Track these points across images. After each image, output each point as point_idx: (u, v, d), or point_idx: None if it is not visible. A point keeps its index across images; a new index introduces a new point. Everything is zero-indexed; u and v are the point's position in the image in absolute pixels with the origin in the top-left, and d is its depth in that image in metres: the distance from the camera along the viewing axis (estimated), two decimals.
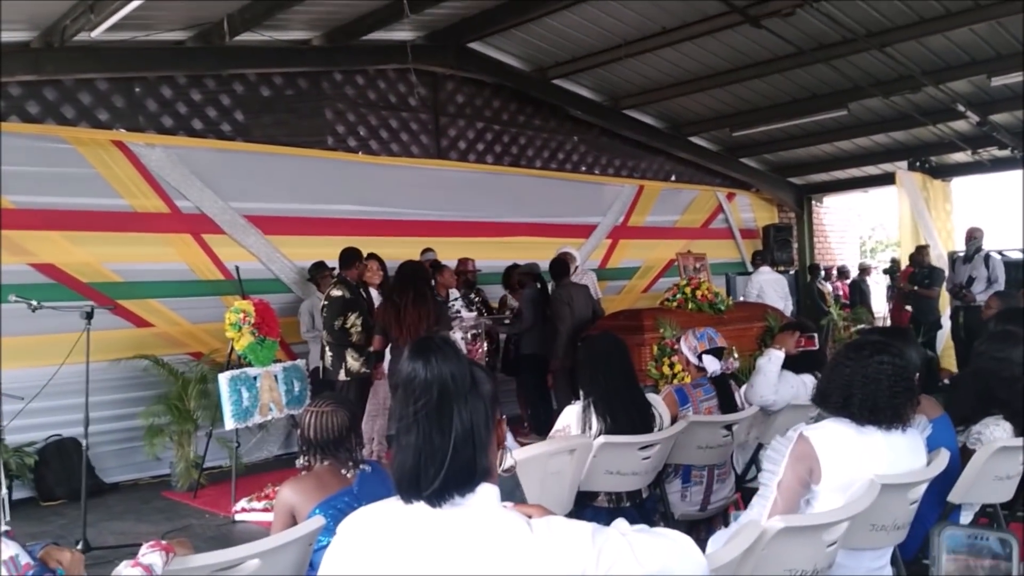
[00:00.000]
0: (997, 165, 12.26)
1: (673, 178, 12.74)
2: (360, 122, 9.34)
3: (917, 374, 3.00)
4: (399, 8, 7.62)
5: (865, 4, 8.05)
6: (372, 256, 7.07)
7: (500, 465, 1.67)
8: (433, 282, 7.18)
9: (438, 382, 1.55)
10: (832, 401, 2.68)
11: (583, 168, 11.63)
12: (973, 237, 9.85)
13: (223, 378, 6.06)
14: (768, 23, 8.32)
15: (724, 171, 13.27)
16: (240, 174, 8.22)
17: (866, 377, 2.60)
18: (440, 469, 1.53)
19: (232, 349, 6.31)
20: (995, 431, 3.26)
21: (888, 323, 11.88)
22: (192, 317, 7.74)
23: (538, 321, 8.13)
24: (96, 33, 6.44)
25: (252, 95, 8.49)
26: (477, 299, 8.80)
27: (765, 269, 9.84)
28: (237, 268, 7.38)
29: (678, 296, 8.03)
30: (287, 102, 8.74)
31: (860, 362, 2.64)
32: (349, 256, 6.49)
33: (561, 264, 8.53)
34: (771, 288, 9.80)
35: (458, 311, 7.05)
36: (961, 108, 10.12)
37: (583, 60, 9.91)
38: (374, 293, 6.93)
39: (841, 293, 13.45)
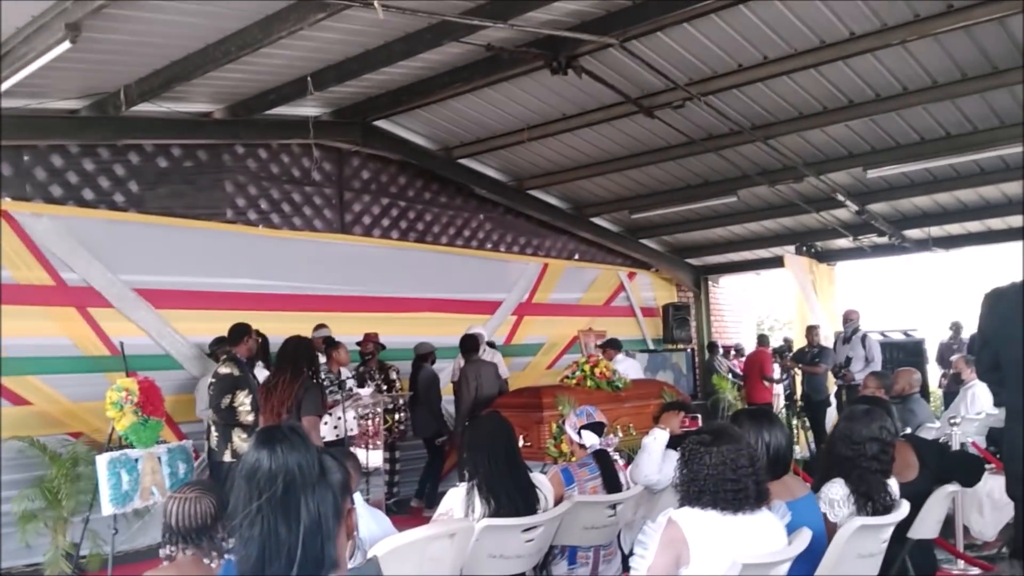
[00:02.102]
0: (877, 251, 13.08)
1: (576, 257, 13.06)
2: (262, 195, 9.27)
3: (777, 454, 3.13)
4: (304, 85, 7.72)
5: (748, 100, 8.58)
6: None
7: (350, 557, 1.65)
8: (325, 359, 7.09)
9: (284, 472, 1.53)
10: (687, 492, 2.76)
11: (488, 245, 11.80)
12: (850, 319, 10.42)
13: (101, 460, 5.74)
14: (661, 114, 8.76)
15: (625, 251, 13.69)
16: (132, 246, 8.00)
17: (711, 467, 2.70)
18: (287, 563, 1.50)
19: (113, 429, 6.01)
20: (831, 489, 3.43)
21: (781, 400, 12.31)
22: (74, 395, 7.38)
23: (429, 400, 8.20)
24: None
25: (148, 166, 8.33)
26: (380, 376, 8.72)
27: (620, 357, 9.80)
28: (122, 344, 7.10)
29: (577, 374, 8.13)
30: (185, 174, 8.61)
31: (704, 453, 2.74)
32: (239, 331, 6.35)
33: (472, 340, 8.62)
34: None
35: (351, 389, 6.95)
36: (841, 197, 10.81)
37: (487, 141, 10.18)
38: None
39: (739, 371, 13.88)
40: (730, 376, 13.90)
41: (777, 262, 13.43)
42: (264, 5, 5.88)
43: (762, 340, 13.19)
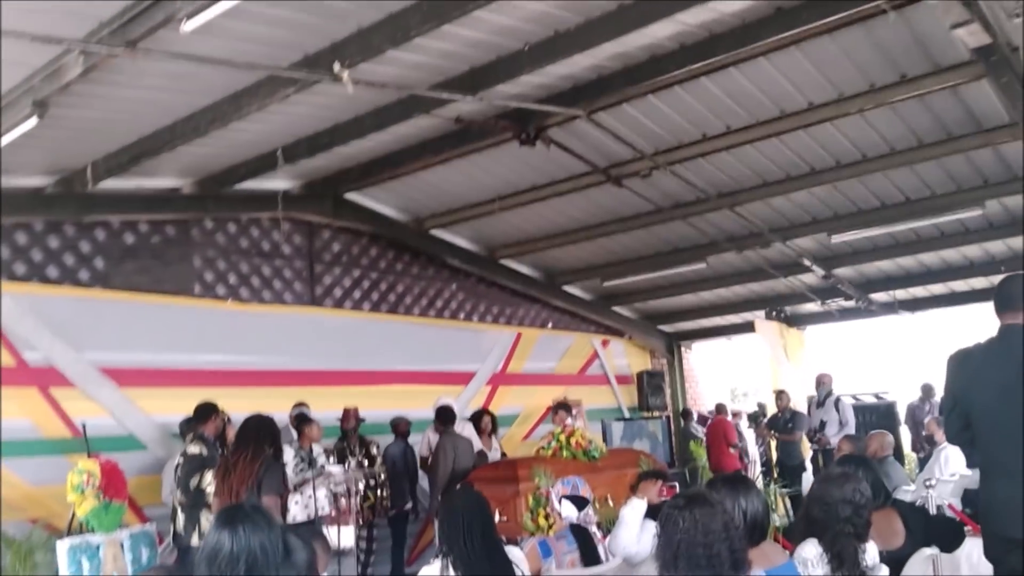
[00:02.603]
0: (845, 314, 13.25)
1: (550, 325, 13.05)
2: (231, 269, 9.19)
3: (750, 521, 3.08)
4: (274, 158, 7.75)
5: (713, 168, 8.76)
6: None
7: None
8: (297, 436, 6.93)
9: (246, 554, 1.46)
10: (663, 558, 2.70)
11: (461, 315, 11.76)
12: (822, 383, 10.48)
13: (62, 547, 5.51)
14: (629, 183, 8.91)
15: (598, 319, 13.72)
16: (97, 323, 7.86)
17: (683, 531, 2.65)
18: None
19: (74, 515, 5.78)
20: (804, 548, 3.39)
21: (757, 466, 12.24)
22: (34, 479, 7.12)
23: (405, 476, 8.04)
24: None
25: (115, 242, 8.25)
26: (361, 451, 8.53)
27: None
28: (84, 425, 6.89)
29: (553, 444, 8.02)
30: (152, 249, 8.53)
31: (677, 517, 2.69)
32: (205, 410, 6.20)
33: (449, 411, 8.49)
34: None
35: (322, 466, 6.77)
36: (807, 262, 10.98)
37: (459, 212, 10.23)
38: None
39: None
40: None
41: (748, 327, 13.52)
42: (234, 80, 5.93)
43: (720, 408, 13.23)
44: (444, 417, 8.49)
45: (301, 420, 7.62)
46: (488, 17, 5.58)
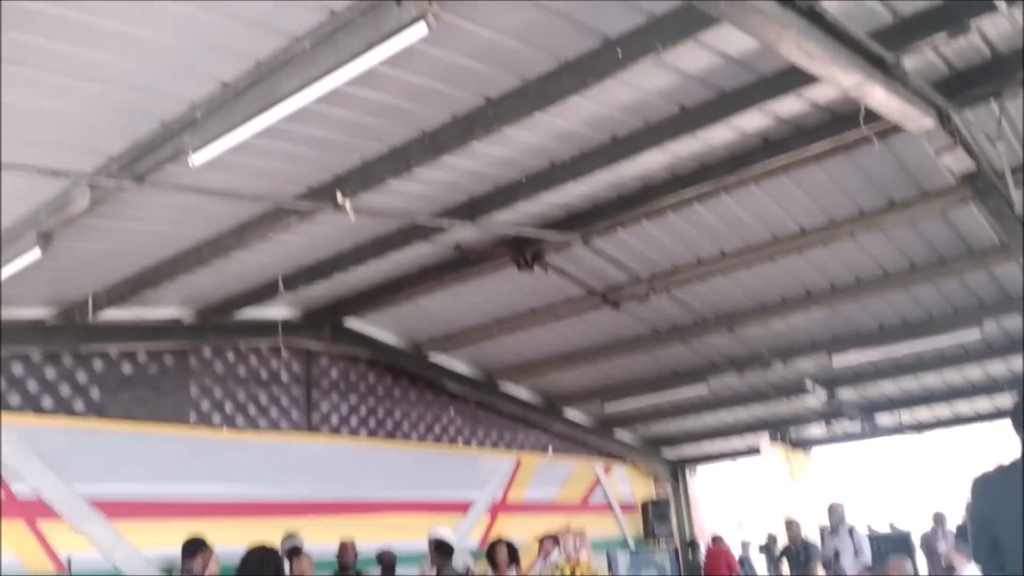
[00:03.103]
0: (850, 437, 13.03)
1: (550, 451, 12.79)
2: (227, 397, 9.10)
3: None
4: (274, 287, 7.83)
5: (710, 291, 8.83)
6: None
7: None
8: (288, 570, 6.64)
9: None
10: None
11: (459, 440, 11.56)
12: (835, 512, 10.17)
13: None
14: (626, 306, 8.96)
15: (600, 444, 13.47)
16: (90, 454, 7.70)
17: None
18: None
19: None
20: None
21: None
22: None
23: None
24: None
25: (112, 372, 8.21)
26: None
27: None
28: (69, 560, 6.65)
29: None
30: (149, 379, 8.47)
31: None
32: (193, 547, 5.97)
33: (446, 545, 8.14)
34: None
35: None
36: (809, 385, 10.90)
37: (457, 337, 10.25)
38: None
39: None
40: None
41: (753, 451, 13.27)
42: (239, 212, 6.06)
43: (717, 539, 12.80)
44: (443, 550, 8.13)
45: (292, 552, 7.33)
46: (487, 150, 5.77)
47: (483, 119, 5.04)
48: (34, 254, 5.27)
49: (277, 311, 9.06)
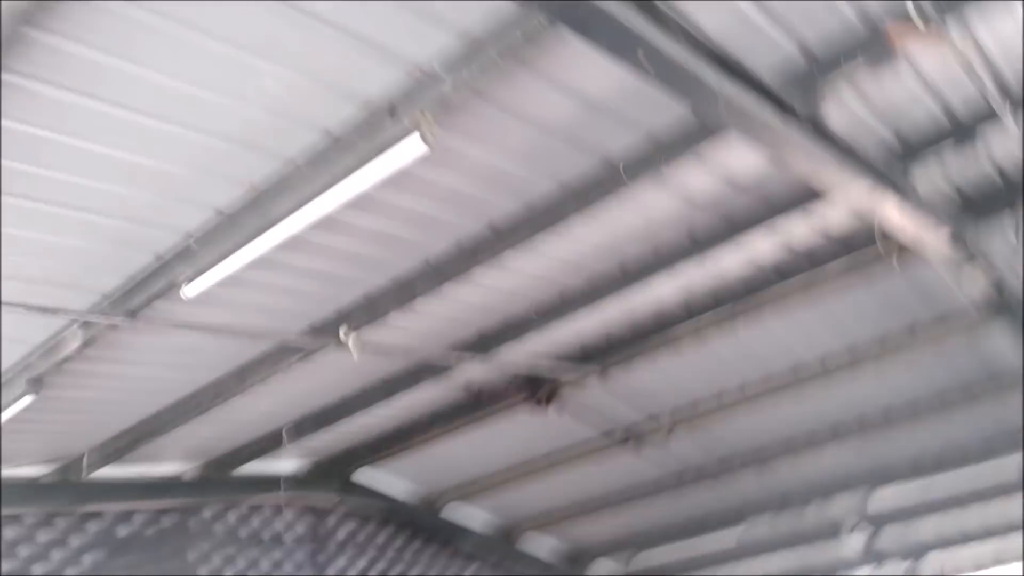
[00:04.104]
0: None
1: None
2: (227, 563, 8.53)
3: None
4: (279, 437, 7.53)
5: (732, 432, 8.42)
6: None
7: None
8: None
9: None
10: None
11: None
12: None
13: None
14: (646, 451, 8.54)
15: None
16: None
17: None
18: None
19: None
20: None
21: None
22: None
23: None
24: None
25: (107, 535, 7.74)
26: None
27: None
28: None
29: None
30: (146, 543, 8.00)
31: None
32: None
33: None
34: None
35: None
36: (848, 528, 10.20)
37: (472, 485, 9.76)
38: None
39: None
40: None
41: None
42: (238, 354, 5.89)
43: None
44: None
45: None
46: (493, 281, 5.64)
47: (487, 246, 4.95)
48: (25, 400, 5.06)
49: (283, 464, 8.67)
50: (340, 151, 3.64)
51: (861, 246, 5.60)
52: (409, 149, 3.47)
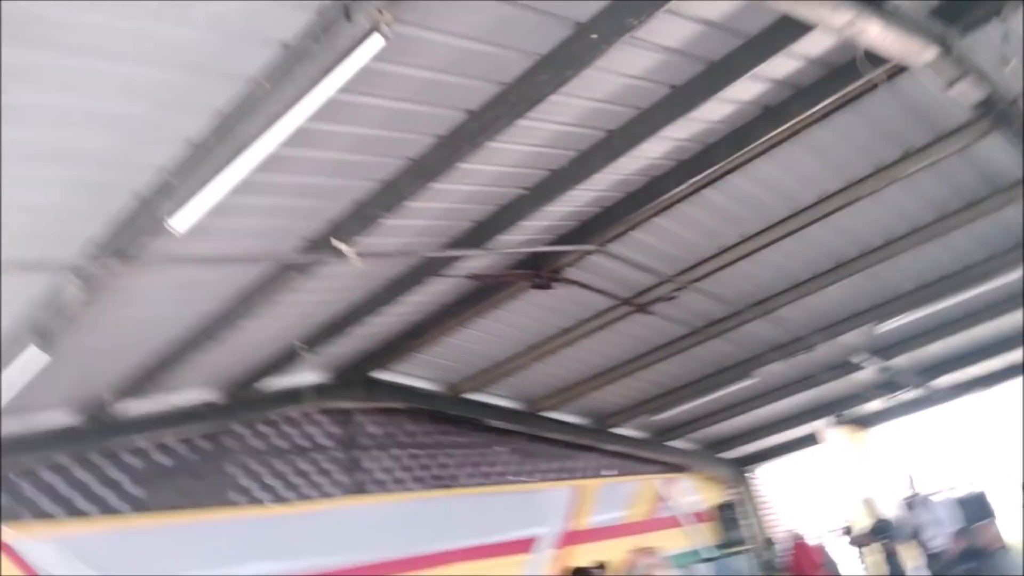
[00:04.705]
0: (911, 407, 12.49)
1: (608, 473, 12.39)
2: (268, 471, 8.88)
3: None
4: (296, 353, 7.66)
5: (737, 279, 8.49)
6: None
7: None
8: None
9: None
10: None
11: (511, 478, 11.22)
12: (908, 485, 9.69)
13: None
14: (656, 309, 8.67)
15: (656, 457, 13.06)
16: (136, 552, 7.48)
17: None
18: None
19: None
20: None
21: None
22: None
23: None
24: None
25: (148, 466, 8.01)
26: None
27: None
28: None
29: None
30: (187, 466, 8.28)
31: None
32: None
33: None
34: None
35: None
36: (858, 359, 10.47)
37: (490, 371, 10.00)
38: None
39: None
40: None
41: (814, 439, 12.78)
42: (238, 279, 5.90)
43: (794, 535, 12.31)
44: None
45: None
46: (479, 168, 5.57)
47: (468, 134, 4.85)
48: (39, 357, 5.12)
49: (307, 376, 8.87)
50: (301, 62, 3.51)
51: (846, 71, 5.46)
52: (370, 47, 3.34)
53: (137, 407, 7.44)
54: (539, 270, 7.58)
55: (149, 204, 4.26)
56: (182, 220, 4.11)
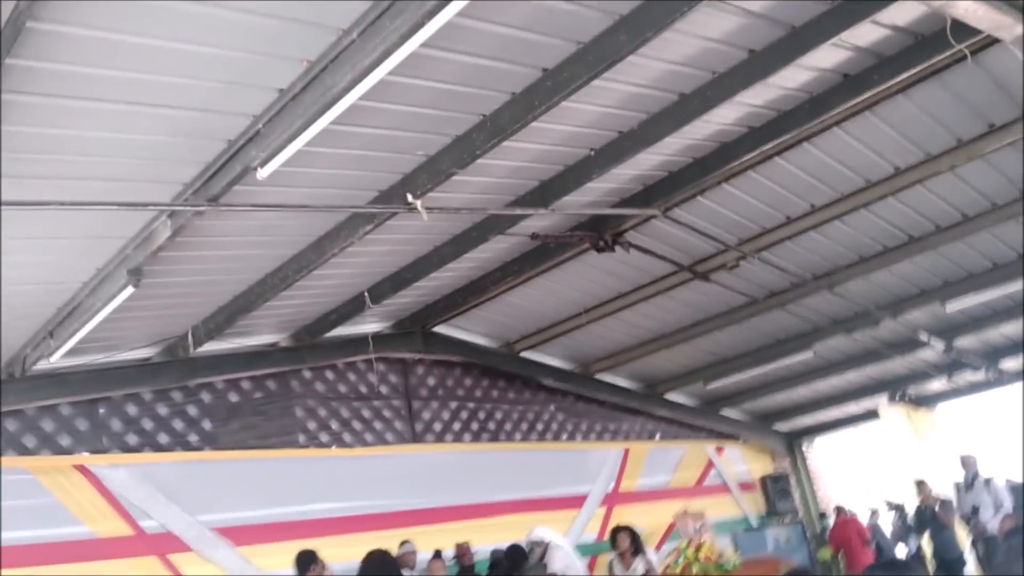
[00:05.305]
0: (975, 388, 12.22)
1: (658, 437, 12.49)
2: (332, 416, 9.23)
3: None
4: (361, 302, 7.89)
5: (804, 250, 8.41)
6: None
7: None
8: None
9: None
10: None
11: (563, 436, 11.41)
12: (968, 465, 9.55)
13: None
14: (716, 277, 8.65)
15: (708, 425, 13.08)
16: (208, 484, 7.92)
17: None
18: None
19: None
20: None
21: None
22: None
23: None
24: (56, 358, 6.48)
25: (220, 403, 8.43)
26: None
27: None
28: None
29: (680, 560, 7.50)
30: (256, 405, 8.67)
31: None
32: (304, 560, 6.10)
33: (518, 551, 7.97)
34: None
35: None
36: (924, 337, 10.28)
37: (547, 331, 10.13)
38: None
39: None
40: None
41: (871, 415, 12.63)
42: (315, 226, 6.11)
43: (840, 509, 12.21)
44: (513, 558, 7.93)
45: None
46: (551, 127, 5.62)
47: (542, 92, 4.89)
48: (128, 291, 5.42)
49: (368, 325, 9.15)
50: (390, 15, 3.61)
51: (934, 46, 5.33)
52: (457, 2, 3.42)
53: (213, 346, 7.77)
54: (601, 232, 7.63)
55: (240, 151, 4.45)
56: (268, 167, 4.29)
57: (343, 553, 7.06)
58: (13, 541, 6.65)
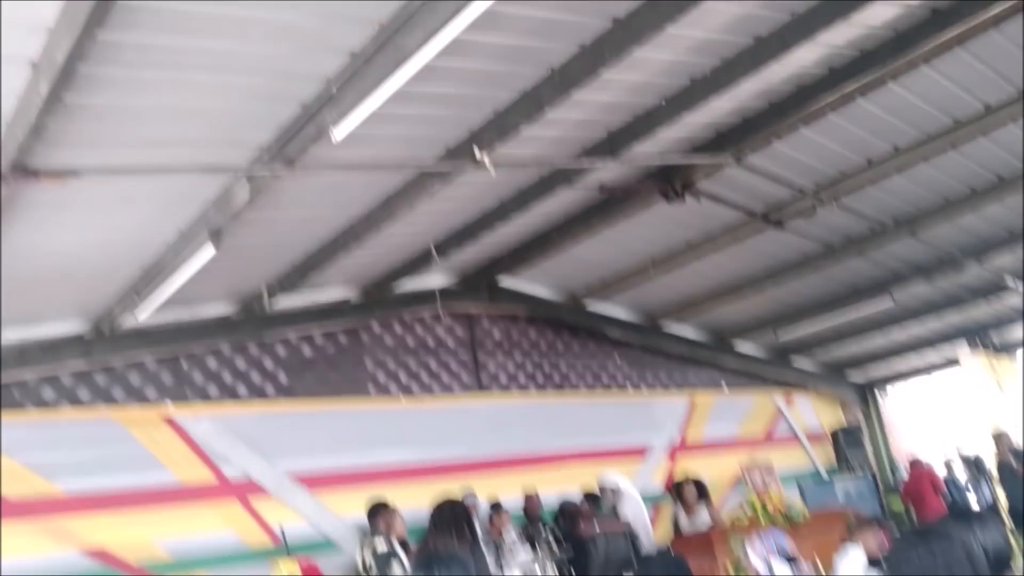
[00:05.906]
0: None
1: (724, 387, 12.36)
2: (400, 368, 9.40)
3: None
4: (428, 256, 7.95)
5: (885, 194, 8.09)
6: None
7: None
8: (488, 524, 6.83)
9: None
10: None
11: (628, 387, 11.38)
12: None
13: None
14: (791, 225, 8.40)
15: (776, 375, 12.87)
16: (285, 434, 8.20)
17: (923, 571, 2.26)
18: None
19: None
20: None
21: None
22: None
23: None
24: (142, 316, 6.73)
25: (294, 356, 8.66)
26: (545, 536, 8.28)
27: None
28: (282, 529, 7.12)
29: (748, 512, 7.48)
30: (328, 358, 8.88)
31: (911, 559, 2.30)
32: (375, 509, 6.29)
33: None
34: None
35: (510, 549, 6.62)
36: (1011, 282, 9.87)
37: (613, 283, 10.04)
38: None
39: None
40: None
41: (951, 363, 12.25)
42: (385, 185, 6.13)
43: (915, 463, 11.93)
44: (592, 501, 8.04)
45: (495, 509, 7.56)
46: (620, 77, 5.47)
47: (612, 43, 4.75)
48: (209, 251, 5.56)
49: (434, 279, 9.23)
50: None
51: None
52: None
53: (286, 302, 7.96)
54: (671, 182, 7.45)
55: (314, 114, 4.47)
56: (342, 129, 4.30)
57: (412, 500, 7.29)
58: (106, 487, 7.05)
